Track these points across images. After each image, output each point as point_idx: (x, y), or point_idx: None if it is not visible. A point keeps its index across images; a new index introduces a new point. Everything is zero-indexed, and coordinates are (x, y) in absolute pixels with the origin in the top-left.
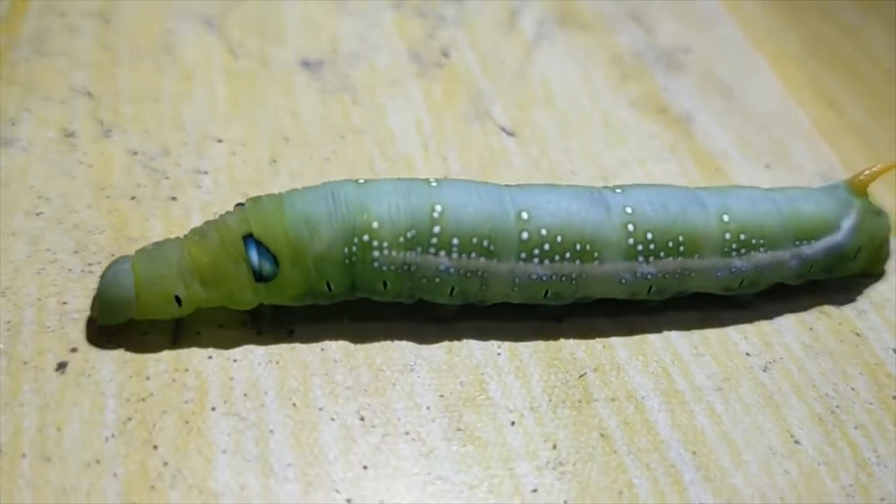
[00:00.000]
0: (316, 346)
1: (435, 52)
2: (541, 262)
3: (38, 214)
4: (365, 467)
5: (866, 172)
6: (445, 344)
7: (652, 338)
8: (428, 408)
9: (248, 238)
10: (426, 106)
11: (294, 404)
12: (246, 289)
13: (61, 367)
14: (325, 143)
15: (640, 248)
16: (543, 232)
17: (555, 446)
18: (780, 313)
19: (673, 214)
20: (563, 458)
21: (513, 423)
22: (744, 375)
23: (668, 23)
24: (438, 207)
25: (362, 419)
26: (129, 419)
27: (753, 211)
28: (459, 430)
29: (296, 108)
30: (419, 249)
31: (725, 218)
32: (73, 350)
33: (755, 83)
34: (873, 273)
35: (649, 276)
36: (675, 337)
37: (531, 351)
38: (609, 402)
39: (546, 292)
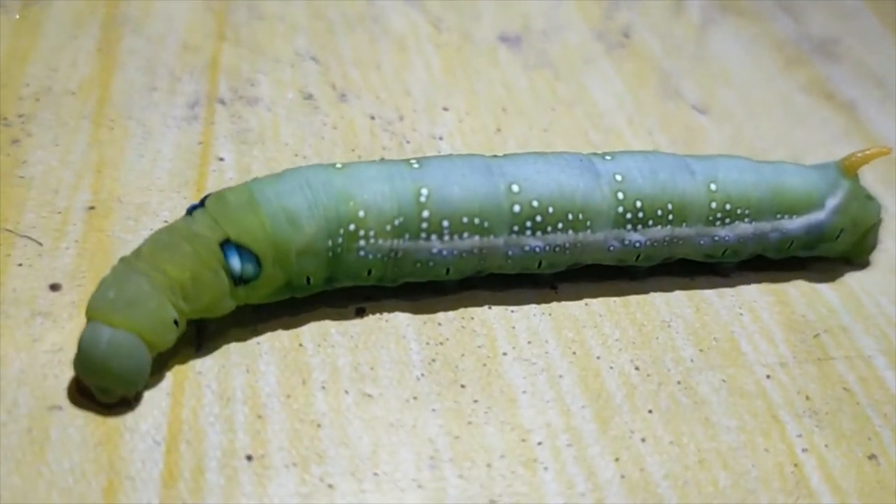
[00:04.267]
0: (580, 302)
1: (616, 33)
2: (533, 233)
3: None
4: (650, 411)
5: (858, 154)
6: (694, 303)
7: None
8: (692, 360)
9: (225, 244)
10: (622, 83)
11: (574, 353)
12: (226, 295)
13: (360, 312)
14: (540, 114)
15: (629, 216)
16: (535, 203)
17: (808, 398)
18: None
19: (662, 182)
20: (816, 409)
21: (768, 377)
22: None
23: (815, 14)
24: (424, 191)
25: (637, 368)
26: (433, 360)
27: (740, 181)
28: (724, 381)
29: (505, 80)
30: (407, 236)
31: (713, 187)
32: (368, 298)
33: None
34: (855, 260)
35: (637, 245)
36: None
37: (769, 313)
38: (845, 360)
39: (539, 263)
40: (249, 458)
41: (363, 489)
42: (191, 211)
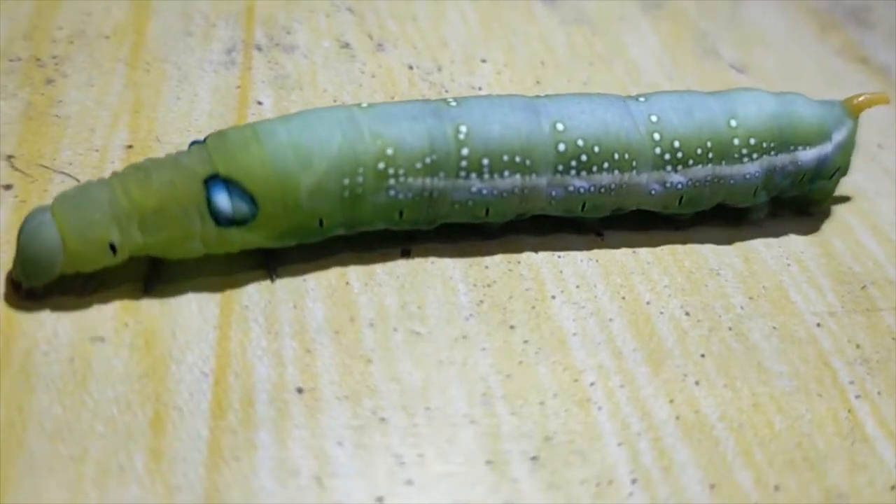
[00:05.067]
0: (628, 250)
1: None
2: (578, 173)
3: None
4: (702, 355)
5: (864, 97)
6: (741, 253)
7: None
8: (742, 307)
9: (213, 180)
10: (658, 41)
11: (623, 297)
12: (193, 238)
13: (405, 253)
14: (578, 69)
15: (667, 157)
16: (580, 142)
17: (858, 346)
18: None
19: (698, 121)
20: (867, 357)
21: (818, 325)
22: None
23: None
24: (463, 128)
25: (687, 314)
26: (482, 302)
27: (759, 115)
28: (775, 328)
29: (542, 35)
30: (442, 174)
31: (733, 123)
32: (412, 240)
33: None
34: (821, 206)
35: (679, 186)
36: None
37: (816, 264)
38: (893, 312)
39: (583, 205)
40: (300, 390)
41: (415, 423)
42: (191, 145)
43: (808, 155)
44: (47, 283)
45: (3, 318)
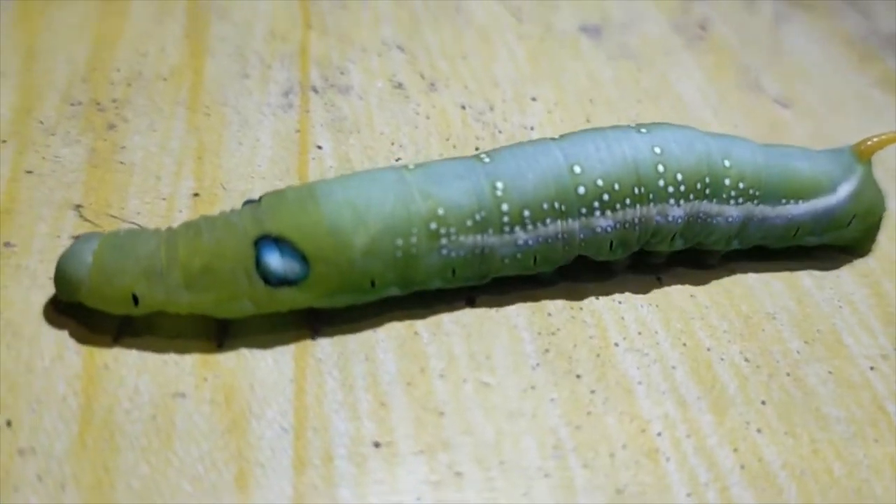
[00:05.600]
0: (685, 293)
1: (693, 26)
2: (602, 213)
3: (396, 160)
4: (763, 402)
5: (874, 139)
6: (796, 296)
7: None
8: (798, 352)
9: (264, 239)
10: (703, 75)
11: (684, 344)
12: (242, 297)
13: (470, 302)
14: (626, 105)
15: (671, 189)
16: (599, 182)
17: None
18: None
19: (698, 154)
20: None
21: (871, 368)
22: None
23: (881, 9)
24: (499, 184)
25: (747, 360)
26: (547, 350)
27: (752, 160)
28: (830, 373)
29: (590, 71)
30: (490, 231)
31: (727, 163)
32: (474, 288)
33: None
34: (858, 250)
35: (679, 221)
36: None
37: (867, 306)
38: None
39: (611, 244)
40: (377, 444)
41: (491, 477)
42: (245, 204)
43: (798, 209)
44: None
45: (84, 376)
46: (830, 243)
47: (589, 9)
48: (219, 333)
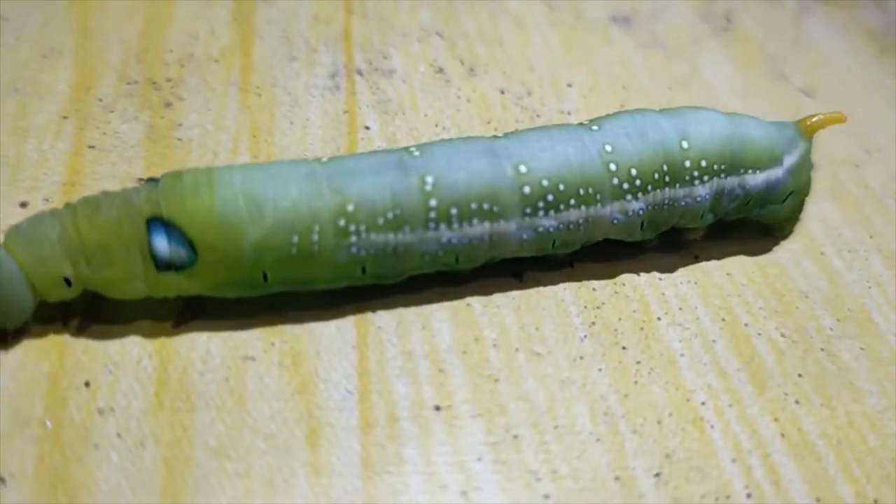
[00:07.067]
0: (722, 271)
1: (719, 16)
2: (546, 213)
3: None
4: (800, 375)
5: (818, 116)
6: (827, 276)
7: None
8: (831, 329)
9: (155, 221)
10: (729, 64)
11: (723, 319)
12: (135, 278)
13: (517, 275)
14: (658, 93)
15: (626, 185)
16: (545, 183)
17: None
18: None
19: (653, 143)
20: None
21: None
22: None
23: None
24: (429, 178)
25: (783, 335)
26: (594, 323)
27: (712, 136)
28: (862, 349)
29: (622, 59)
30: (408, 229)
31: (685, 144)
32: (520, 264)
33: None
34: (781, 230)
35: (641, 213)
36: None
37: (895, 287)
38: None
39: (554, 242)
40: (437, 408)
41: (546, 440)
42: (147, 181)
43: (756, 179)
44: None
45: (157, 340)
46: (762, 220)
47: None
48: (180, 314)
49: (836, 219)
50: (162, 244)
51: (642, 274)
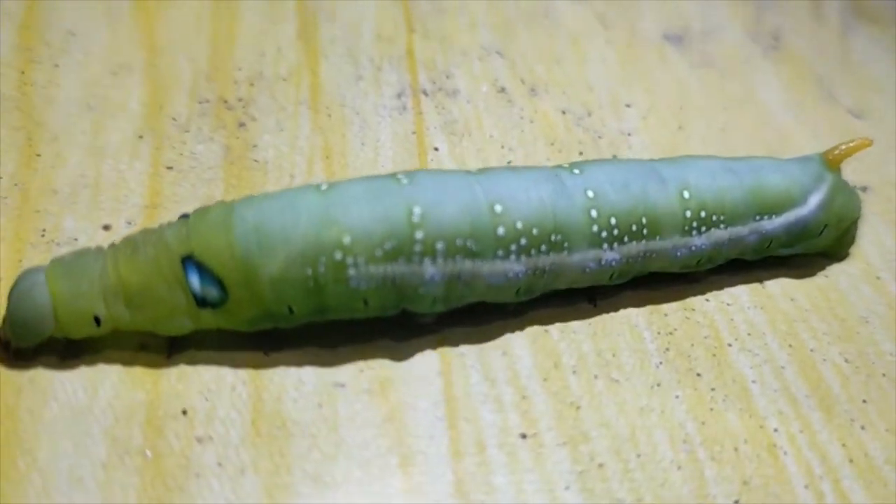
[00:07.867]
0: (787, 296)
1: (767, 35)
2: (517, 257)
3: (508, 163)
4: (864, 401)
5: (842, 147)
6: (885, 301)
7: None
8: (891, 354)
9: (188, 260)
10: (780, 84)
11: (790, 345)
12: (180, 315)
13: (591, 300)
14: (714, 113)
15: (604, 234)
16: (519, 225)
17: None
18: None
19: (634, 195)
20: None
21: None
22: None
23: None
24: (417, 209)
25: (846, 361)
26: (668, 349)
27: (714, 185)
28: None
29: (677, 79)
30: (402, 260)
31: (686, 195)
32: (594, 289)
33: None
34: (835, 255)
35: (613, 263)
36: None
37: None
38: None
39: (518, 290)
40: (524, 436)
41: (630, 468)
42: (180, 218)
43: (772, 223)
44: (36, 346)
45: (250, 368)
46: (804, 252)
47: (670, 16)
48: (170, 347)
49: (891, 243)
50: (195, 283)
51: (711, 299)
